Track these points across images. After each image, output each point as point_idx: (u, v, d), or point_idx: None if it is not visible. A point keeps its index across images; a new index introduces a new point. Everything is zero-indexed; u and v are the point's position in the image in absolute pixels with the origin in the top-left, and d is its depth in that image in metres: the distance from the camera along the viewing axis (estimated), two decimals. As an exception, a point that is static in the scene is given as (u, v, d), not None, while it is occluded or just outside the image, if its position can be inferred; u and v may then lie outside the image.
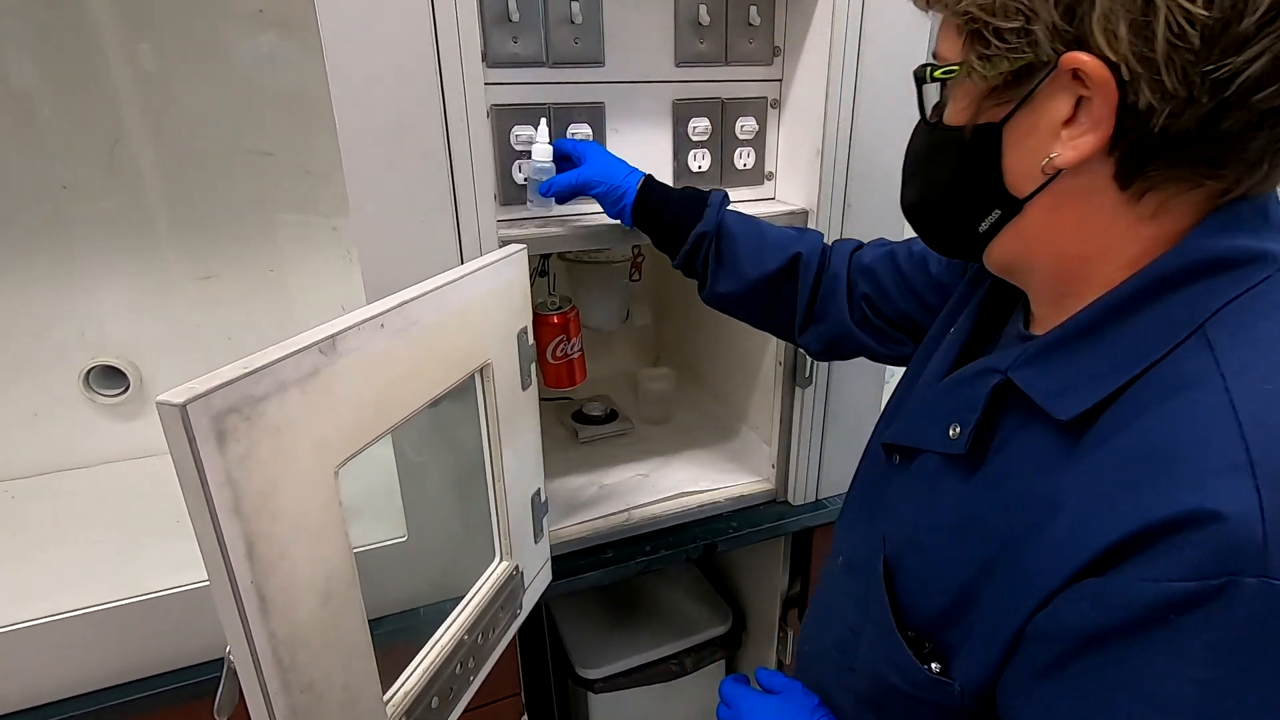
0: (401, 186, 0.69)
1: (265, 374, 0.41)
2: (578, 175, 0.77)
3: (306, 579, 0.46)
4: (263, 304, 1.10)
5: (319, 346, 0.45)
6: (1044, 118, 0.38)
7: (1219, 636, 0.31)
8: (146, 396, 1.08)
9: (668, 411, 1.24)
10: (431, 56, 0.66)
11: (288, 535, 0.44)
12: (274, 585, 0.43)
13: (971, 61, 0.40)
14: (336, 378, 0.47)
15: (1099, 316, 0.39)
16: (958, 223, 0.46)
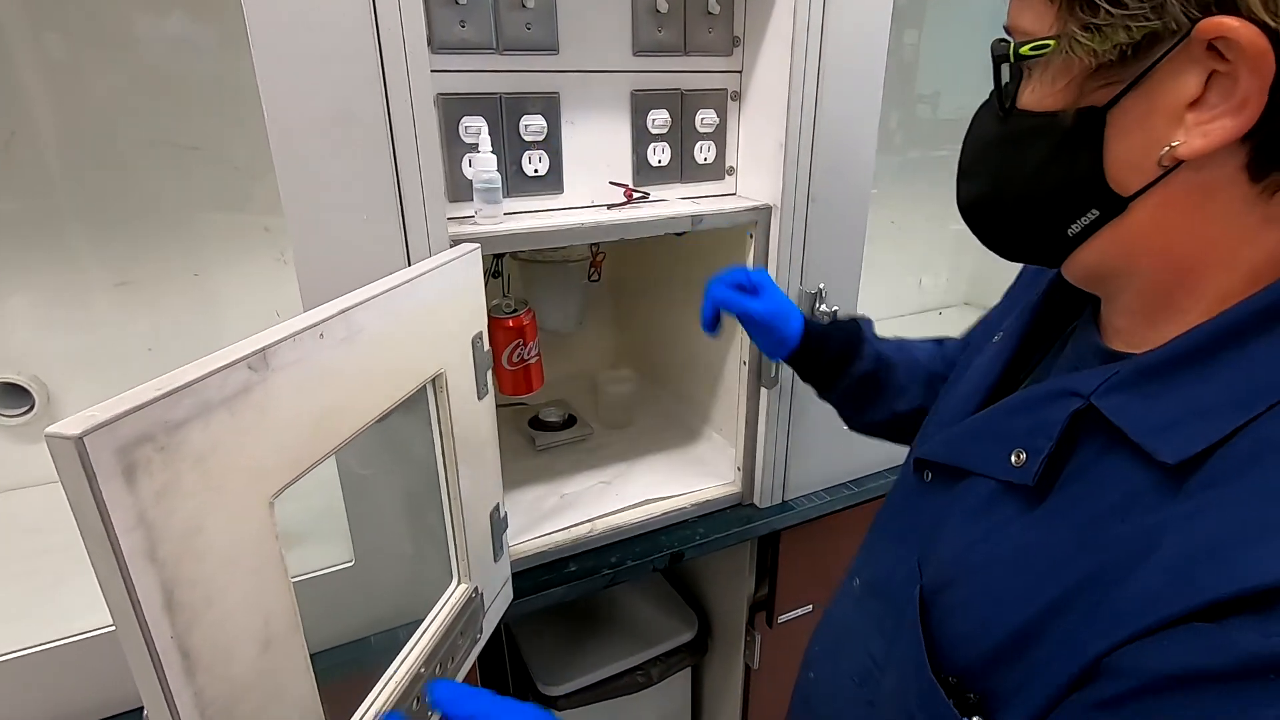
0: (340, 182, 0.63)
1: (185, 395, 0.35)
2: (752, 309, 0.73)
3: (241, 626, 0.41)
4: (187, 312, 1.01)
5: (248, 362, 0.40)
6: (1164, 99, 0.32)
7: None
8: (55, 416, 0.98)
9: (629, 415, 1.20)
10: (371, 38, 0.60)
11: (217, 578, 0.39)
12: (200, 637, 0.37)
13: (1074, 34, 0.34)
14: (271, 396, 0.42)
15: (1214, 338, 0.33)
16: (1040, 224, 0.39)
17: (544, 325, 1.09)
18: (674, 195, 0.89)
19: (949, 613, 0.42)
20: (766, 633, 1.13)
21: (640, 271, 1.24)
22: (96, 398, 0.99)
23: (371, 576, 0.77)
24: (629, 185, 0.85)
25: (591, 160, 0.84)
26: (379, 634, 0.80)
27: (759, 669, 1.17)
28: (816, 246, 0.89)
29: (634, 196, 0.85)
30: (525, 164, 0.79)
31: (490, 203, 0.75)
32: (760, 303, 0.73)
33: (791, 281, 0.90)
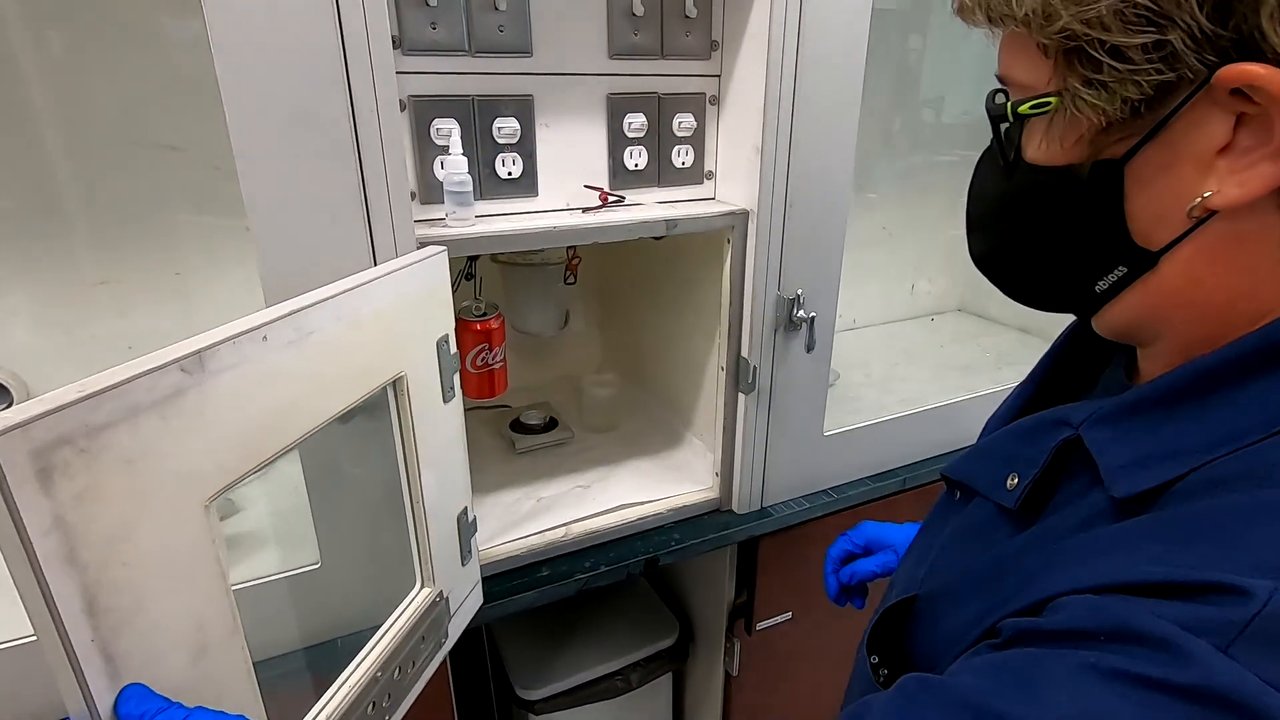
0: (304, 182, 0.63)
1: (108, 398, 0.35)
2: (881, 566, 0.69)
3: (173, 632, 0.40)
4: (167, 311, 1.02)
5: (181, 364, 0.39)
6: (1188, 148, 0.30)
7: (1141, 672, 0.26)
8: (34, 413, 0.98)
9: (612, 419, 1.20)
10: (335, 39, 0.60)
11: (145, 583, 0.38)
12: (127, 643, 0.37)
13: (1077, 90, 0.32)
14: (208, 399, 0.41)
15: (1202, 375, 0.32)
16: (1064, 282, 0.37)
17: (524, 328, 1.09)
18: (651, 199, 0.89)
19: (923, 621, 0.42)
20: (746, 640, 1.13)
21: (626, 275, 1.24)
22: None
23: (338, 578, 0.77)
24: (604, 189, 0.84)
25: (567, 163, 0.83)
26: (346, 637, 0.80)
27: (738, 676, 1.16)
28: (794, 252, 0.89)
29: (609, 200, 0.84)
30: (499, 166, 0.79)
31: (461, 205, 0.75)
32: (879, 559, 0.69)
33: (769, 287, 0.90)
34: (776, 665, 1.19)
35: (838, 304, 0.96)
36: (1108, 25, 0.30)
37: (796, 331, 0.94)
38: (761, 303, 0.90)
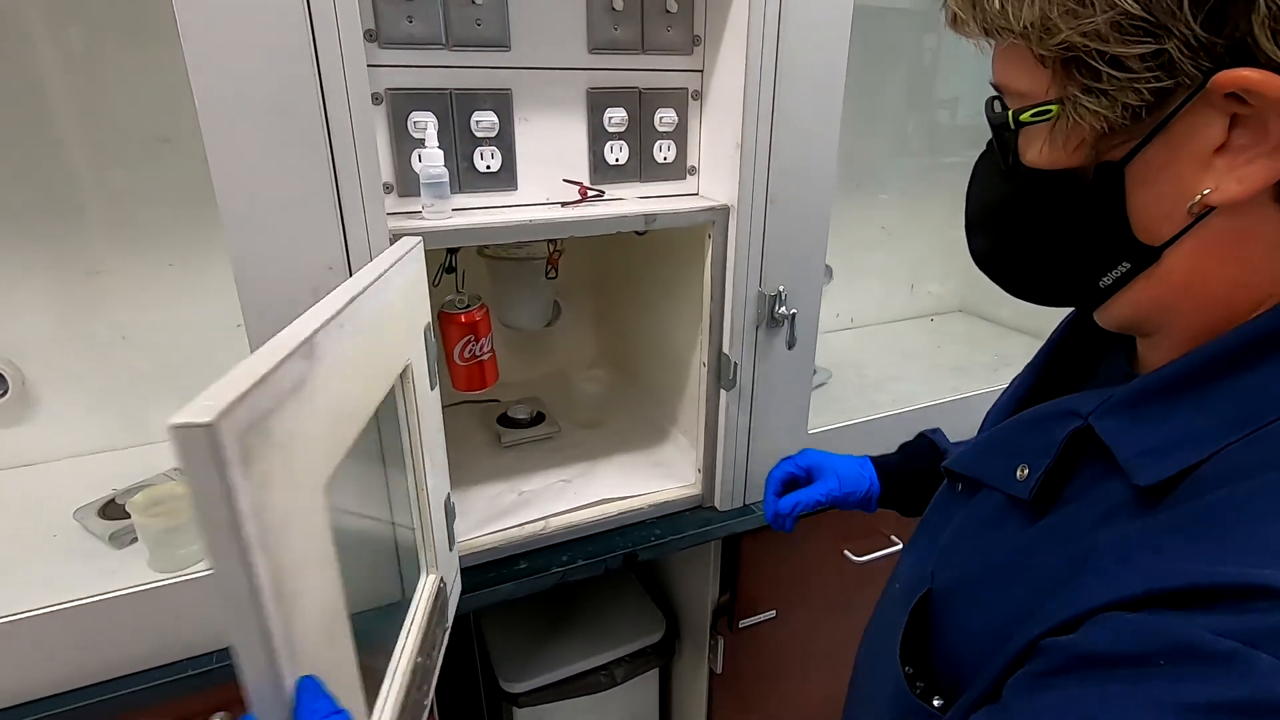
0: (275, 174, 0.63)
1: (268, 384, 0.35)
2: (825, 495, 0.75)
3: (315, 618, 0.40)
4: (160, 302, 1.03)
5: (301, 352, 0.39)
6: (1186, 147, 0.32)
7: (1212, 698, 0.25)
8: (29, 399, 1.00)
9: (599, 414, 1.20)
10: (304, 31, 0.61)
11: (301, 568, 0.38)
12: (298, 631, 0.37)
13: (1076, 98, 0.33)
14: (317, 386, 0.41)
15: (1211, 361, 0.33)
16: (1069, 279, 0.38)
17: (511, 323, 1.09)
18: (632, 194, 0.89)
19: (944, 616, 0.42)
20: (729, 637, 1.12)
21: (616, 271, 1.24)
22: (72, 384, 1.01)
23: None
24: (583, 183, 0.84)
25: (546, 158, 0.83)
26: (321, 624, 0.81)
27: (723, 674, 1.16)
28: (776, 248, 0.88)
29: (588, 194, 0.84)
30: (477, 160, 0.79)
31: (438, 197, 0.75)
32: (822, 488, 0.74)
33: (750, 283, 0.90)
34: (761, 663, 1.18)
35: (821, 301, 0.96)
36: (1105, 37, 0.30)
37: (778, 328, 0.93)
38: (743, 299, 0.90)
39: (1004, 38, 0.35)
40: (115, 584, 0.74)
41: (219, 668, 0.76)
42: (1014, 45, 0.34)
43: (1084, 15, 0.31)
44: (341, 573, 0.44)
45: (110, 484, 0.95)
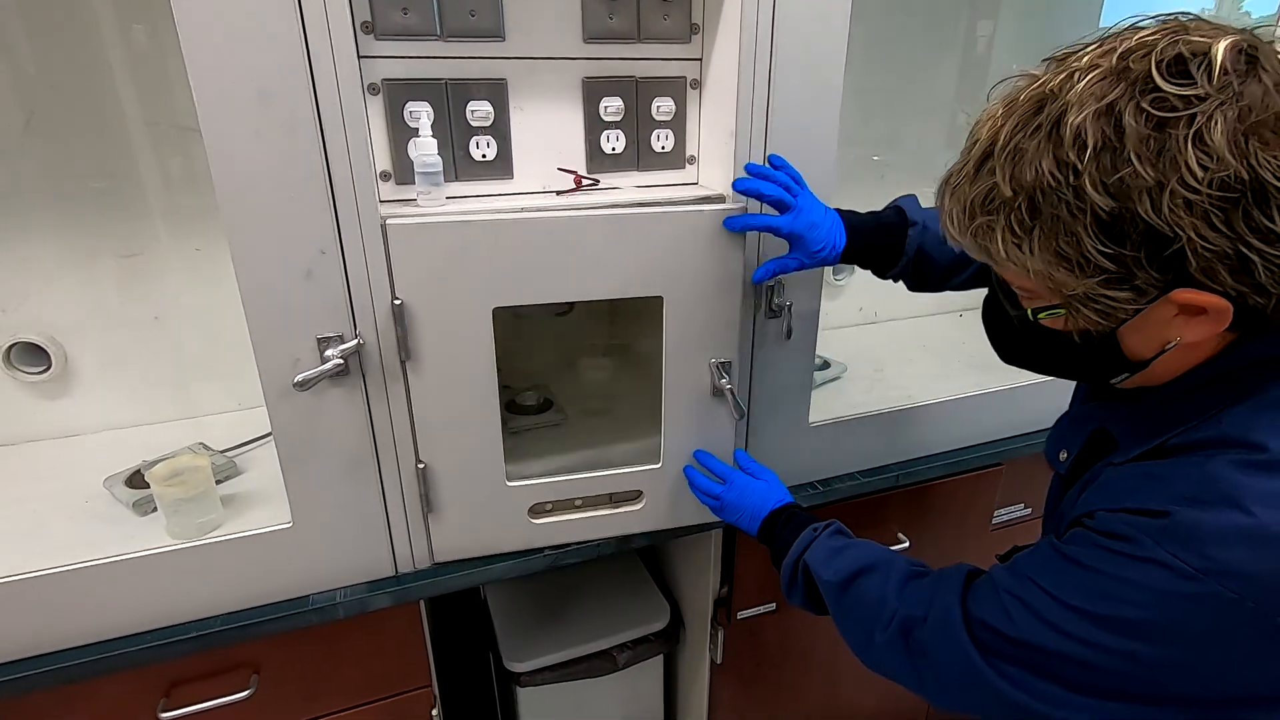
0: (269, 161, 0.66)
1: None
2: (789, 226, 0.79)
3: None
4: (190, 283, 1.09)
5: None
6: (1157, 319, 0.48)
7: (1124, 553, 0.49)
8: (70, 375, 1.07)
9: (605, 403, 1.21)
10: (295, 21, 0.63)
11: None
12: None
13: (1077, 305, 0.49)
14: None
15: (1159, 398, 0.54)
16: (1086, 379, 0.63)
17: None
18: (629, 183, 0.89)
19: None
20: (729, 628, 1.12)
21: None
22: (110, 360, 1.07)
23: (309, 538, 0.81)
24: (578, 172, 0.85)
25: (543, 147, 0.85)
26: (319, 593, 0.85)
27: (723, 664, 1.16)
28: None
29: (583, 183, 0.85)
30: (473, 149, 0.81)
31: (433, 185, 0.77)
32: (789, 219, 0.80)
33: (746, 274, 0.89)
34: (760, 655, 1.18)
35: (821, 292, 0.95)
36: (1094, 293, 0.48)
37: (776, 319, 0.92)
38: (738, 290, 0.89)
39: (1018, 280, 0.53)
40: (133, 548, 0.79)
41: (223, 630, 0.80)
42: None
43: (1081, 275, 0.47)
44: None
45: (141, 455, 1.01)
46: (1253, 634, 0.45)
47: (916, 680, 0.63)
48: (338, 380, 0.75)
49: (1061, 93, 0.45)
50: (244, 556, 0.80)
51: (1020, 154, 0.46)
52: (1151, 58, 0.43)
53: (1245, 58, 0.43)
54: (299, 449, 0.77)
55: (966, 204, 0.50)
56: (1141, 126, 0.42)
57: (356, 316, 0.74)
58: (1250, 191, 0.41)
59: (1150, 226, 0.43)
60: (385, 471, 0.82)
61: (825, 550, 0.76)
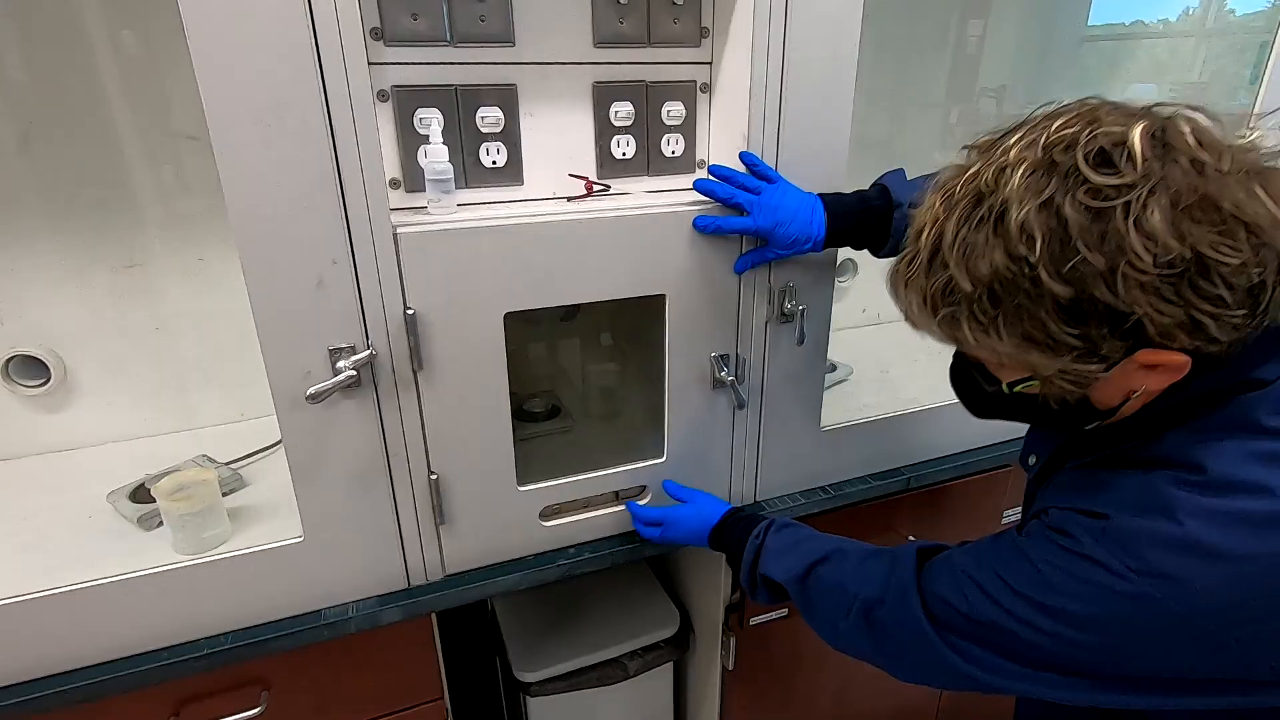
0: (279, 169, 0.65)
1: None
2: (754, 226, 0.81)
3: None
4: (191, 293, 1.07)
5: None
6: (1121, 374, 0.51)
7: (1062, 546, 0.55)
8: (70, 387, 1.05)
9: (613, 408, 1.20)
10: (306, 29, 0.62)
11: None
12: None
13: (1050, 377, 0.53)
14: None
15: (1119, 425, 0.58)
16: (1060, 429, 0.65)
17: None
18: (640, 188, 0.89)
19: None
20: (740, 634, 1.12)
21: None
22: (110, 373, 1.05)
23: (321, 551, 0.80)
24: (589, 178, 0.84)
25: (553, 152, 0.84)
26: (331, 608, 0.83)
27: (735, 670, 1.15)
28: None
29: (594, 189, 0.84)
30: (483, 155, 0.80)
31: (443, 193, 0.76)
32: (750, 220, 0.81)
33: (759, 278, 0.89)
34: (773, 661, 1.17)
35: (832, 296, 0.94)
36: (1066, 370, 0.51)
37: (789, 323, 0.92)
38: (751, 294, 0.89)
39: (989, 362, 0.57)
40: (139, 564, 0.77)
41: (234, 648, 0.79)
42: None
43: (1053, 355, 0.50)
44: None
45: (144, 468, 0.99)
46: (1172, 631, 0.50)
47: (882, 657, 0.68)
48: (349, 391, 0.74)
49: (998, 187, 0.48)
50: (255, 571, 0.79)
51: (971, 248, 0.49)
52: (1076, 151, 0.46)
53: (1159, 141, 0.46)
54: (310, 462, 0.76)
55: (926, 296, 0.53)
56: (1082, 217, 0.45)
57: (368, 327, 0.73)
58: (1194, 266, 0.45)
59: (1109, 306, 0.46)
60: (397, 483, 0.81)
61: (774, 553, 0.79)
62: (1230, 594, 0.48)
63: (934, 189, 0.53)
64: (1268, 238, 0.45)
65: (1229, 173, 0.45)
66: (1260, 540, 0.48)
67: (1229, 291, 0.45)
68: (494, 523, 0.88)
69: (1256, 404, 0.51)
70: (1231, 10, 1.52)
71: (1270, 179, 0.46)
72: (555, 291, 0.80)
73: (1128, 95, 1.47)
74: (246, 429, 1.12)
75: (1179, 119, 0.47)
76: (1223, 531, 0.48)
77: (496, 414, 0.83)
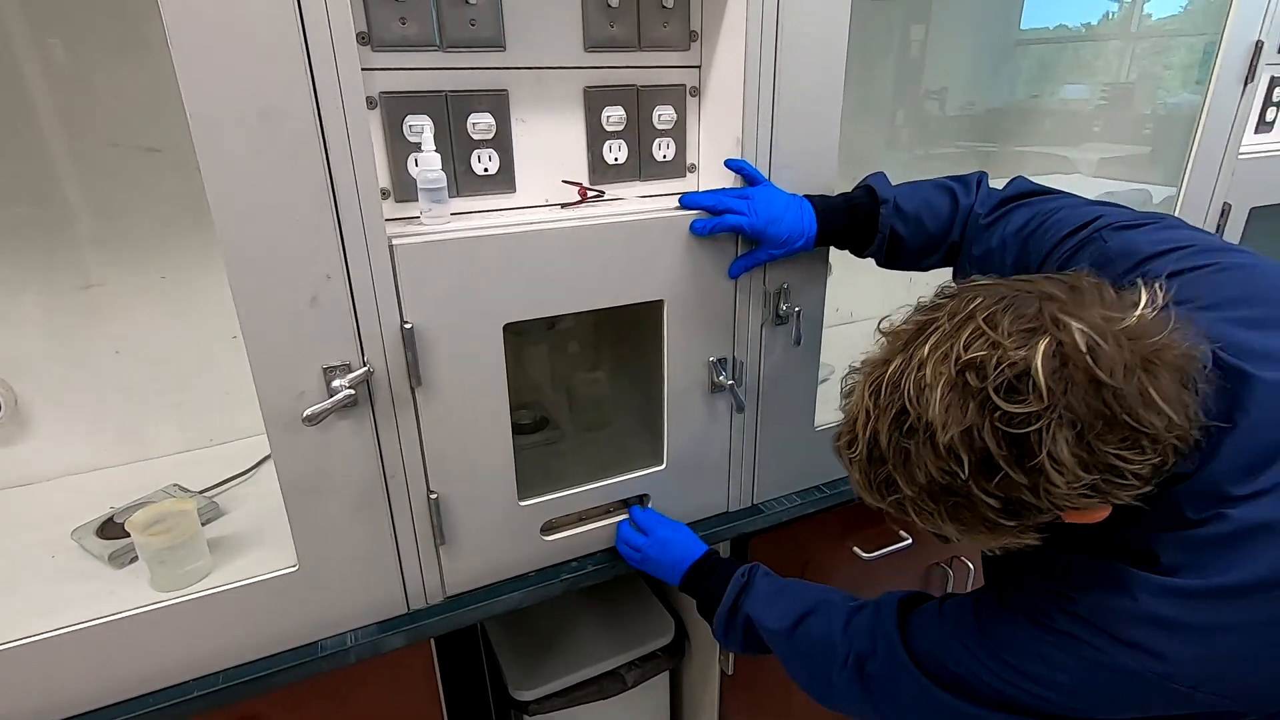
0: (269, 180, 0.62)
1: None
2: (749, 224, 0.81)
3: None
4: (154, 315, 1.01)
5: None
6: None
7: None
8: (22, 420, 0.98)
9: (601, 415, 1.19)
10: (296, 35, 0.59)
11: None
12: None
13: (995, 538, 0.56)
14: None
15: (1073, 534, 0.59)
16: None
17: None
18: (632, 194, 0.88)
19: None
20: (740, 638, 1.11)
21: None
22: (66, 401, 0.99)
23: (317, 580, 0.76)
24: (582, 184, 0.83)
25: (545, 158, 0.82)
26: (329, 638, 0.79)
27: (734, 675, 1.14)
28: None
29: (588, 195, 0.83)
30: (474, 163, 0.78)
31: (436, 202, 0.74)
32: (745, 218, 0.81)
33: (754, 281, 0.89)
34: (771, 664, 1.17)
35: (826, 296, 0.95)
36: (1006, 541, 0.56)
37: (784, 325, 0.92)
38: (746, 297, 0.89)
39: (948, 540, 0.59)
40: (116, 606, 0.72)
41: (227, 687, 0.75)
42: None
43: (994, 534, 0.55)
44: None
45: (108, 502, 0.93)
46: (1149, 691, 0.55)
47: (873, 710, 0.71)
48: (345, 411, 0.71)
49: (921, 407, 0.52)
50: (246, 605, 0.75)
51: (906, 456, 0.53)
52: (988, 382, 0.50)
53: (1058, 366, 0.49)
54: (305, 487, 0.72)
55: (871, 483, 0.57)
56: (1000, 446, 0.50)
57: (364, 343, 0.70)
58: (1106, 471, 0.50)
59: (1037, 505, 0.51)
60: (396, 504, 0.78)
61: (763, 598, 0.81)
62: (1197, 657, 0.53)
63: (862, 376, 0.58)
64: (1166, 433, 0.50)
65: (1125, 383, 0.49)
66: (1216, 612, 0.52)
67: (1136, 473, 0.50)
68: (495, 540, 0.85)
69: (1180, 499, 0.55)
70: (1149, 15, 1.60)
71: (1159, 375, 0.50)
72: (555, 300, 0.78)
73: (1061, 96, 1.55)
74: (216, 454, 1.07)
75: (1078, 332, 0.50)
76: (1178, 607, 0.53)
77: (497, 428, 0.81)
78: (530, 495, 0.87)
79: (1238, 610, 0.52)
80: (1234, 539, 0.52)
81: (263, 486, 0.98)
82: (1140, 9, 1.61)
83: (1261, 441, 0.53)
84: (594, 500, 0.91)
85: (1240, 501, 0.53)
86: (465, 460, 0.80)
